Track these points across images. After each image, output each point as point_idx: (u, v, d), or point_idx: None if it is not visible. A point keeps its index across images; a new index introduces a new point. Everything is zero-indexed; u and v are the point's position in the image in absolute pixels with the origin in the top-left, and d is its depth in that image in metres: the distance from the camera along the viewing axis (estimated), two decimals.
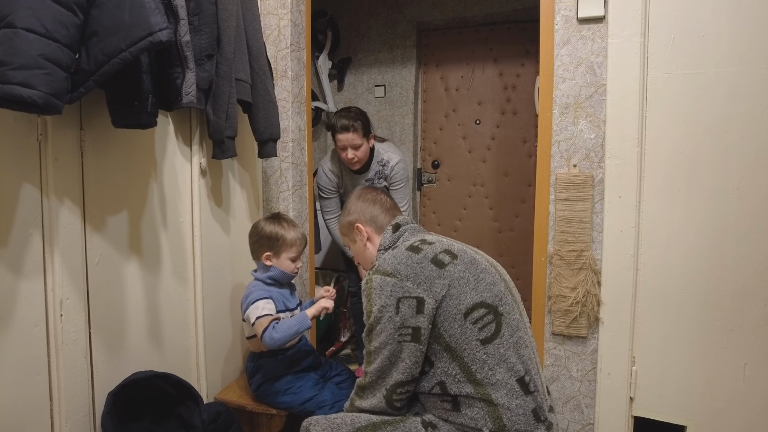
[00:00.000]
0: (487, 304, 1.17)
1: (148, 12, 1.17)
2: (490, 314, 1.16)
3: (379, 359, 1.19)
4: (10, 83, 1.01)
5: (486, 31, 3.35)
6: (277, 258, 1.75)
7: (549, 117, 1.82)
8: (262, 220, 1.82)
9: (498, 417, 1.12)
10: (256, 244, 1.78)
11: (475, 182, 3.45)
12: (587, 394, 1.82)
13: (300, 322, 1.65)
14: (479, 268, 1.22)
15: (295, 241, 1.76)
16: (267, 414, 1.78)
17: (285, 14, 2.17)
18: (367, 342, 1.23)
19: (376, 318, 1.18)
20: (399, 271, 1.17)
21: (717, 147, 1.61)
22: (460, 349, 1.15)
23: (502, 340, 1.16)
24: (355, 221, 1.43)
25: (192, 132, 1.78)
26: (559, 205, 1.80)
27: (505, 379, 1.14)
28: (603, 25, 1.72)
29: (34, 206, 1.24)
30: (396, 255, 1.22)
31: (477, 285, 1.18)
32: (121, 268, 1.51)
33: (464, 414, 1.15)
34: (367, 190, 1.50)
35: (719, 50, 1.59)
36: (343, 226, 1.48)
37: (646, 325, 1.73)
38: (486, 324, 1.16)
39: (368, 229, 1.41)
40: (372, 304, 1.19)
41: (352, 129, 2.25)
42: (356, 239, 1.44)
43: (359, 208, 1.45)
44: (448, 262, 1.19)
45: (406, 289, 1.15)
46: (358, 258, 1.49)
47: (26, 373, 1.24)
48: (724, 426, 1.66)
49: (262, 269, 1.77)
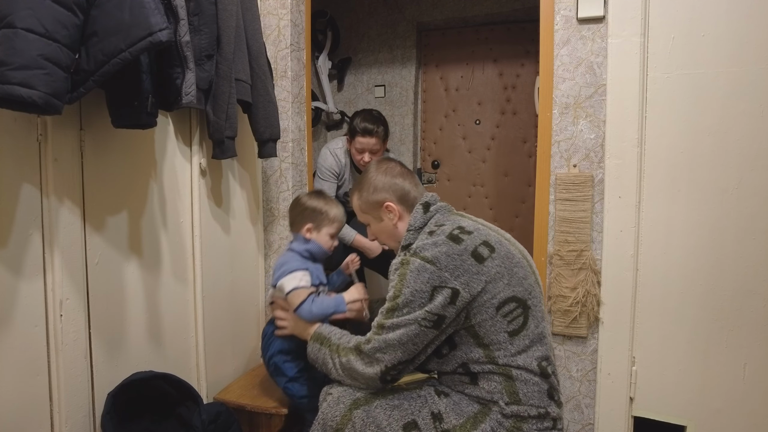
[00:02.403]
0: (518, 298, 1.20)
1: (147, 12, 1.17)
2: (519, 308, 1.19)
3: (391, 335, 1.19)
4: (10, 83, 1.01)
5: (486, 31, 3.35)
6: (318, 232, 1.72)
7: (549, 117, 1.82)
8: (305, 195, 1.80)
9: (514, 392, 1.16)
10: (299, 216, 1.74)
11: (475, 182, 3.45)
12: (587, 394, 1.82)
13: (337, 305, 1.61)
14: (513, 261, 1.23)
15: (337, 218, 1.74)
16: (267, 414, 1.78)
17: (285, 14, 2.17)
18: (382, 316, 1.22)
19: (407, 300, 1.18)
20: (439, 260, 1.17)
21: (717, 147, 1.61)
22: (488, 338, 1.18)
23: (528, 332, 1.19)
24: (385, 200, 1.36)
25: (192, 132, 1.78)
26: (559, 205, 1.80)
27: (526, 364, 1.18)
28: (603, 25, 1.72)
29: (33, 206, 1.24)
30: (437, 243, 1.20)
31: (510, 280, 1.20)
32: (121, 269, 1.51)
33: (481, 387, 1.19)
34: (388, 163, 1.43)
35: (719, 50, 1.59)
36: (368, 204, 1.39)
37: (645, 325, 1.73)
38: (515, 317, 1.19)
39: (399, 207, 1.36)
40: (404, 286, 1.18)
41: (375, 134, 2.25)
42: (383, 218, 1.38)
43: (387, 183, 1.37)
44: (486, 257, 1.19)
45: (443, 279, 1.15)
46: (379, 235, 1.43)
47: (26, 373, 1.24)
48: (723, 426, 1.66)
49: (301, 241, 1.73)
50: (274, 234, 2.28)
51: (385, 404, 1.22)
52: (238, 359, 2.09)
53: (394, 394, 1.25)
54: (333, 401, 1.28)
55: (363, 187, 1.41)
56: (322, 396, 1.35)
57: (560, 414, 1.22)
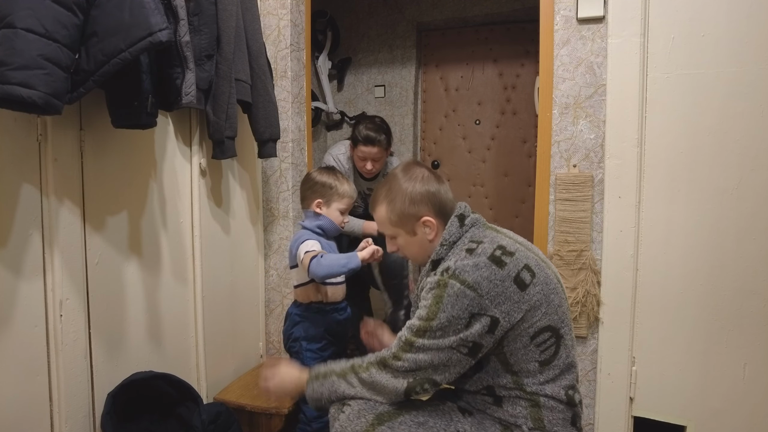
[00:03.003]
0: (553, 327, 1.14)
1: (147, 12, 1.17)
2: (553, 337, 1.14)
3: (423, 356, 1.12)
4: (10, 83, 1.01)
5: (486, 31, 3.35)
6: (327, 207, 1.73)
7: (549, 117, 1.82)
8: (316, 171, 1.80)
9: (539, 418, 1.13)
10: (309, 190, 1.75)
11: (475, 182, 3.45)
12: (587, 394, 1.82)
13: (349, 258, 1.55)
14: (551, 287, 1.16)
15: (347, 193, 1.74)
16: (267, 414, 1.78)
17: (285, 14, 2.17)
18: (412, 334, 1.13)
19: (441, 325, 1.09)
20: (481, 286, 1.08)
21: (717, 147, 1.61)
22: (518, 366, 1.14)
23: (559, 362, 1.15)
24: (424, 214, 1.22)
25: (192, 132, 1.78)
26: (559, 206, 1.80)
27: (554, 393, 1.14)
28: (603, 26, 1.72)
29: (33, 206, 1.24)
30: (478, 265, 1.10)
31: (548, 308, 1.14)
32: (120, 269, 1.51)
33: (505, 410, 1.15)
34: (419, 168, 1.27)
35: (719, 50, 1.59)
36: (402, 216, 1.23)
37: (645, 325, 1.73)
38: (548, 347, 1.14)
39: (437, 221, 1.23)
40: (440, 310, 1.09)
41: (377, 143, 2.22)
42: (418, 232, 1.24)
43: (424, 194, 1.22)
44: (528, 283, 1.12)
45: (483, 307, 1.08)
46: (407, 249, 1.29)
47: (26, 373, 1.24)
48: (723, 426, 1.66)
49: (312, 218, 1.74)
50: (274, 234, 2.28)
51: (410, 421, 1.15)
52: (238, 359, 2.09)
53: (418, 409, 1.18)
54: (353, 414, 1.18)
55: (395, 197, 1.24)
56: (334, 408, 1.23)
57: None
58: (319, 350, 1.70)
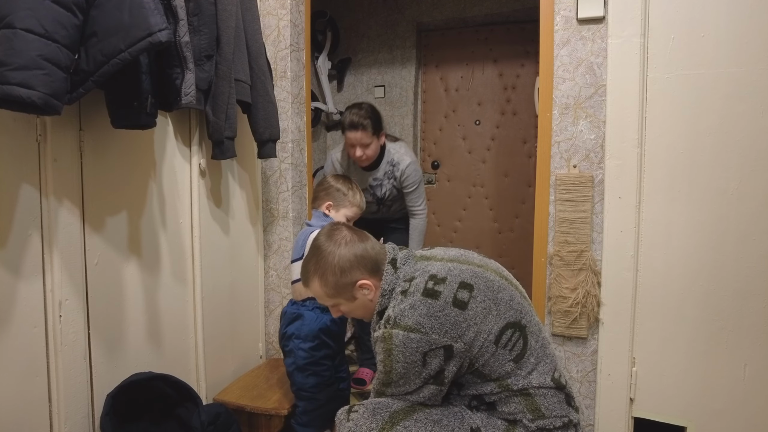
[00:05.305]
0: (512, 323, 1.16)
1: (147, 12, 1.16)
2: (516, 332, 1.16)
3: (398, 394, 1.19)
4: (9, 84, 1.01)
5: (486, 31, 3.35)
6: (336, 210, 1.83)
7: (549, 117, 1.81)
8: (333, 176, 1.91)
9: (536, 408, 1.15)
10: (323, 192, 1.85)
11: (475, 183, 3.45)
12: (587, 395, 1.82)
13: None
14: (494, 287, 1.17)
15: (357, 203, 1.85)
16: (266, 415, 1.78)
17: (284, 15, 2.16)
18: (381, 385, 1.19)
19: (400, 375, 1.13)
20: (422, 325, 1.10)
21: (717, 147, 1.61)
22: (495, 373, 1.15)
23: (531, 350, 1.17)
24: (359, 279, 1.21)
25: (191, 133, 1.78)
26: (559, 206, 1.80)
27: (541, 382, 1.16)
28: (603, 26, 1.72)
29: (33, 207, 1.24)
30: (414, 305, 1.12)
31: (498, 309, 1.15)
32: (120, 269, 1.50)
33: (501, 411, 1.17)
34: (339, 230, 1.27)
35: (719, 51, 1.59)
36: (337, 288, 1.22)
37: (646, 325, 1.73)
38: (515, 343, 1.15)
39: (374, 280, 1.22)
40: (393, 361, 1.12)
41: (360, 128, 2.20)
42: (357, 296, 1.24)
43: (352, 258, 1.21)
44: (468, 299, 1.13)
45: (432, 342, 1.09)
46: (353, 313, 1.30)
47: (25, 374, 1.24)
48: (724, 426, 1.65)
49: (320, 218, 1.82)
50: (273, 234, 2.27)
51: (424, 419, 1.16)
52: (238, 360, 2.09)
53: (430, 408, 1.19)
54: (367, 413, 1.18)
55: (325, 271, 1.22)
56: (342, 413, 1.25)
57: (579, 419, 1.21)
58: (312, 350, 1.70)
